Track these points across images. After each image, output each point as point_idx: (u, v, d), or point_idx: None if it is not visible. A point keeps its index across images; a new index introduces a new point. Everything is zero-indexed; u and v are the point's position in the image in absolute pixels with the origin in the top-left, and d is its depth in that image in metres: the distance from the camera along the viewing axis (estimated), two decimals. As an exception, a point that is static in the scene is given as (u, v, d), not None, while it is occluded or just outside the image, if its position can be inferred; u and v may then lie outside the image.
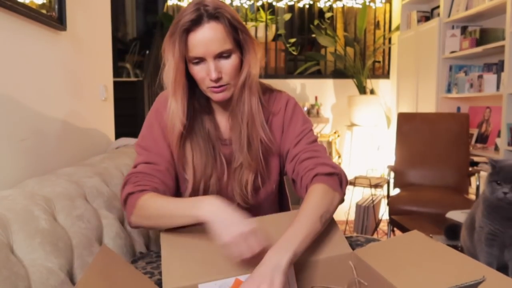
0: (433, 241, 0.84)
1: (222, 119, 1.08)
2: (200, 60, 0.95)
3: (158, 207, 0.90)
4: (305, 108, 4.43)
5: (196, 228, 0.88)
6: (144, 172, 0.99)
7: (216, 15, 0.92)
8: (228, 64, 0.96)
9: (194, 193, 1.04)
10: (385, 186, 2.99)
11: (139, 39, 6.06)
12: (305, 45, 5.24)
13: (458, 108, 3.55)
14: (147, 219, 0.92)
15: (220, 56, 0.95)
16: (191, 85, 1.02)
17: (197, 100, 1.05)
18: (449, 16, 3.48)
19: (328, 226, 0.93)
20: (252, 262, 0.79)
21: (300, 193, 1.05)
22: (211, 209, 0.82)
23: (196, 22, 0.92)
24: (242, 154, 1.03)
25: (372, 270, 0.79)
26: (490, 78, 3.02)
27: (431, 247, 0.82)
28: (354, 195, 3.38)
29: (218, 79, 0.95)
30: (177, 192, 1.09)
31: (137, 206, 0.92)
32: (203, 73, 0.95)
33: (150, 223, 0.94)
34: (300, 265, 0.84)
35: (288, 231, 0.83)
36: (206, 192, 1.05)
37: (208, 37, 0.92)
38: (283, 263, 0.77)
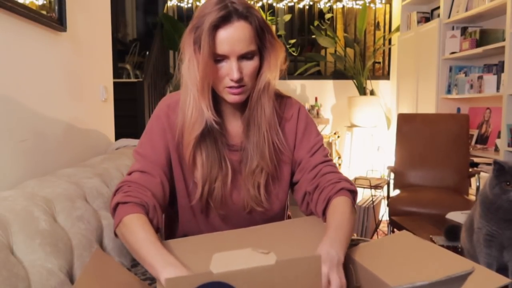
0: (421, 240, 0.87)
1: (233, 124, 1.06)
2: (223, 58, 0.93)
3: (133, 240, 0.83)
4: (305, 109, 4.43)
5: (189, 238, 0.89)
6: (137, 183, 0.94)
7: (246, 14, 0.91)
8: (250, 66, 0.94)
9: (199, 195, 1.02)
10: (385, 187, 2.99)
11: (139, 40, 6.06)
12: (305, 46, 5.25)
13: (458, 109, 3.55)
14: (124, 241, 0.88)
15: (244, 56, 0.93)
16: None
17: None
18: (449, 17, 3.48)
19: (319, 227, 0.95)
20: None
21: (311, 203, 1.03)
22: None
23: (225, 19, 0.89)
24: (258, 157, 1.01)
25: (363, 268, 0.81)
26: (490, 79, 3.03)
27: (420, 245, 0.85)
28: (354, 196, 3.38)
29: (239, 80, 0.93)
30: (183, 196, 1.06)
31: (122, 222, 0.87)
32: (223, 72, 0.93)
33: (126, 245, 0.89)
34: (289, 264, 0.84)
35: (335, 232, 0.84)
36: (210, 196, 1.02)
37: (236, 36, 0.90)
38: (342, 258, 0.78)
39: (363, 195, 3.37)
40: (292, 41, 4.72)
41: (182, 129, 0.98)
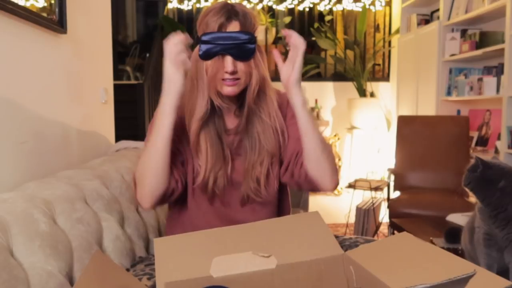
0: (422, 242, 0.86)
1: (228, 112, 1.12)
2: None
3: (141, 157, 1.01)
4: (305, 111, 4.44)
5: (188, 234, 0.89)
6: None
7: (239, 17, 1.02)
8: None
9: (204, 183, 1.08)
10: (385, 189, 2.98)
11: (140, 42, 6.06)
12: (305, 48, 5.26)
13: (458, 111, 3.56)
14: (140, 176, 1.02)
15: None
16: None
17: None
18: (448, 19, 3.49)
19: (318, 228, 0.94)
20: None
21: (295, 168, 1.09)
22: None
23: (225, 22, 1.01)
24: (256, 152, 1.09)
25: (364, 270, 0.80)
26: (490, 81, 3.03)
27: (421, 247, 0.85)
28: (354, 198, 3.38)
29: (233, 72, 1.01)
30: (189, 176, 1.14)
31: (134, 176, 1.03)
32: (218, 65, 1.02)
33: (143, 178, 1.01)
34: (289, 267, 0.84)
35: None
36: (215, 183, 1.09)
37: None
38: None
39: (363, 197, 3.36)
40: (292, 43, 4.72)
41: (186, 114, 1.08)
